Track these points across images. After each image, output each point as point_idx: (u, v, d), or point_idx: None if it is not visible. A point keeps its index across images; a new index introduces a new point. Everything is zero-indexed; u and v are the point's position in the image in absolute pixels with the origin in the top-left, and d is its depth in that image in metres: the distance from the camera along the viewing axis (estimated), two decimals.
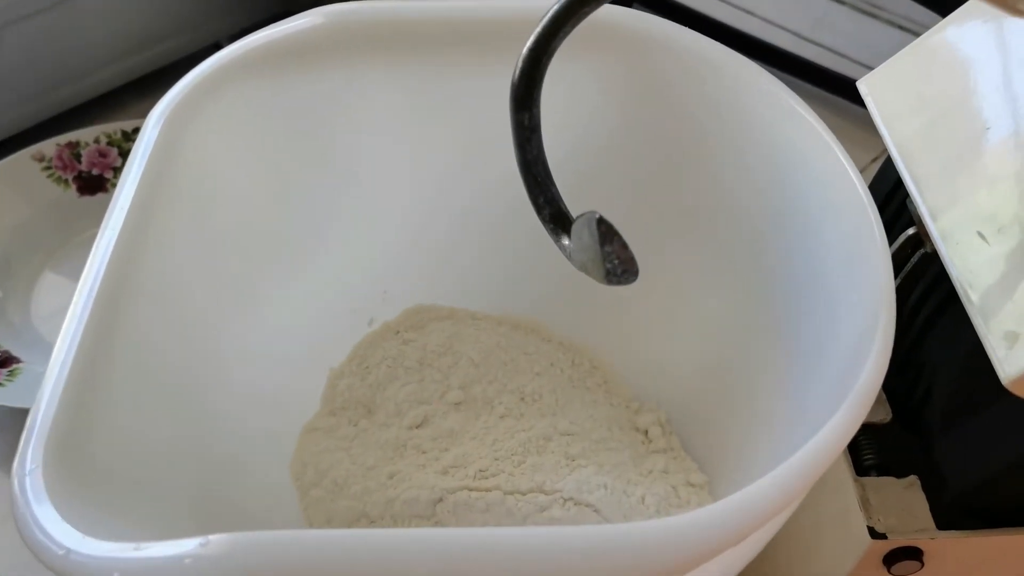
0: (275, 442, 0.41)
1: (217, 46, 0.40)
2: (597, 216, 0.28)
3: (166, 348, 0.35)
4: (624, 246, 0.28)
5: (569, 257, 0.31)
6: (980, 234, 0.30)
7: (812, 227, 0.36)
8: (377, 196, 0.45)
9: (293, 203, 0.43)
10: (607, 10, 0.39)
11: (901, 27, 0.76)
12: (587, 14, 0.31)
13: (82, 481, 0.27)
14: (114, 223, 0.33)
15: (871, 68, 0.38)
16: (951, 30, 0.36)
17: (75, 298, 0.30)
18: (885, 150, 0.36)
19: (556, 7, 0.31)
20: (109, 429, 0.30)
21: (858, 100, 0.38)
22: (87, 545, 0.24)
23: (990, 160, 0.32)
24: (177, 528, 0.28)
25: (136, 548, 0.23)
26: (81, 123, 0.61)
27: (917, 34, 0.38)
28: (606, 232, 0.28)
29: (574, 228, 0.29)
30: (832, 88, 0.69)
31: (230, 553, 0.23)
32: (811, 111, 0.37)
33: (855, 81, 0.38)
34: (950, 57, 0.36)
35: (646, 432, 0.43)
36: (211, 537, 0.23)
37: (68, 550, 0.24)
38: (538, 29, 0.31)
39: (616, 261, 0.28)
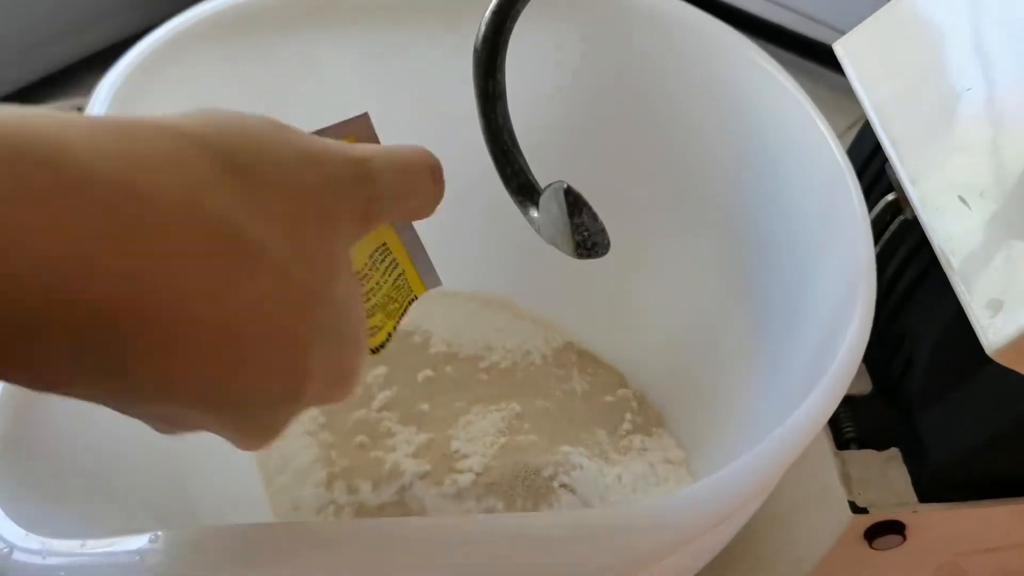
0: None
1: None
2: (565, 186, 0.26)
3: None
4: (594, 217, 0.27)
5: (538, 230, 0.29)
6: (962, 199, 0.29)
7: (790, 194, 0.35)
8: None
9: None
10: None
11: None
12: None
13: (28, 476, 0.26)
14: None
15: (845, 33, 0.37)
16: None
17: None
18: (861, 116, 0.35)
19: None
20: (57, 422, 0.28)
21: (833, 65, 0.37)
22: (31, 541, 0.22)
23: (969, 123, 0.31)
24: (135, 523, 0.27)
25: (83, 545, 0.22)
26: (33, 102, 0.59)
27: None
28: (575, 202, 0.26)
29: (542, 200, 0.28)
30: (806, 53, 0.68)
31: (180, 549, 0.21)
32: (789, 76, 0.36)
33: (830, 46, 0.37)
34: (926, 18, 0.34)
35: (622, 408, 0.42)
36: (160, 533, 0.22)
37: (12, 547, 0.22)
38: None
39: (586, 233, 0.27)
